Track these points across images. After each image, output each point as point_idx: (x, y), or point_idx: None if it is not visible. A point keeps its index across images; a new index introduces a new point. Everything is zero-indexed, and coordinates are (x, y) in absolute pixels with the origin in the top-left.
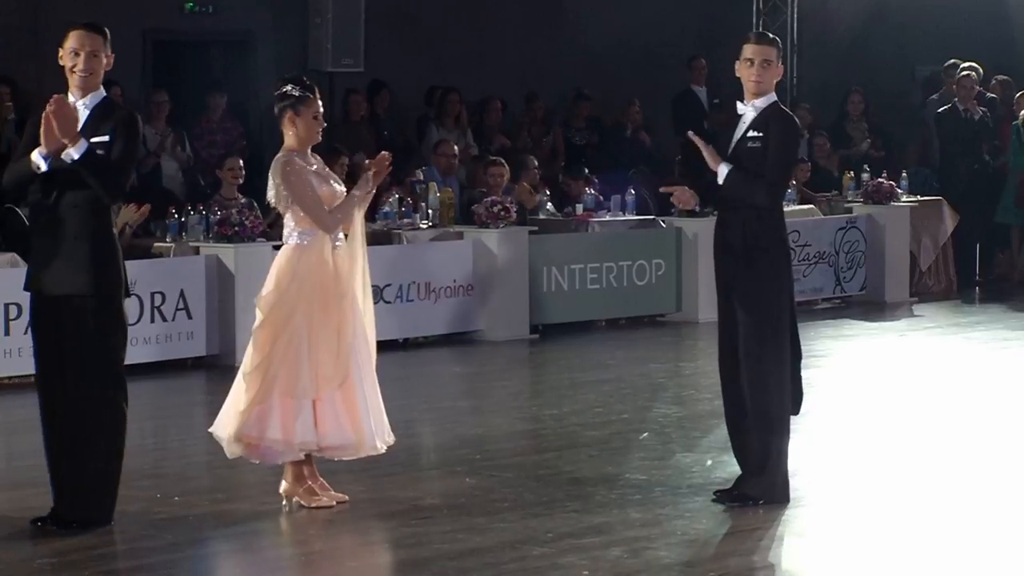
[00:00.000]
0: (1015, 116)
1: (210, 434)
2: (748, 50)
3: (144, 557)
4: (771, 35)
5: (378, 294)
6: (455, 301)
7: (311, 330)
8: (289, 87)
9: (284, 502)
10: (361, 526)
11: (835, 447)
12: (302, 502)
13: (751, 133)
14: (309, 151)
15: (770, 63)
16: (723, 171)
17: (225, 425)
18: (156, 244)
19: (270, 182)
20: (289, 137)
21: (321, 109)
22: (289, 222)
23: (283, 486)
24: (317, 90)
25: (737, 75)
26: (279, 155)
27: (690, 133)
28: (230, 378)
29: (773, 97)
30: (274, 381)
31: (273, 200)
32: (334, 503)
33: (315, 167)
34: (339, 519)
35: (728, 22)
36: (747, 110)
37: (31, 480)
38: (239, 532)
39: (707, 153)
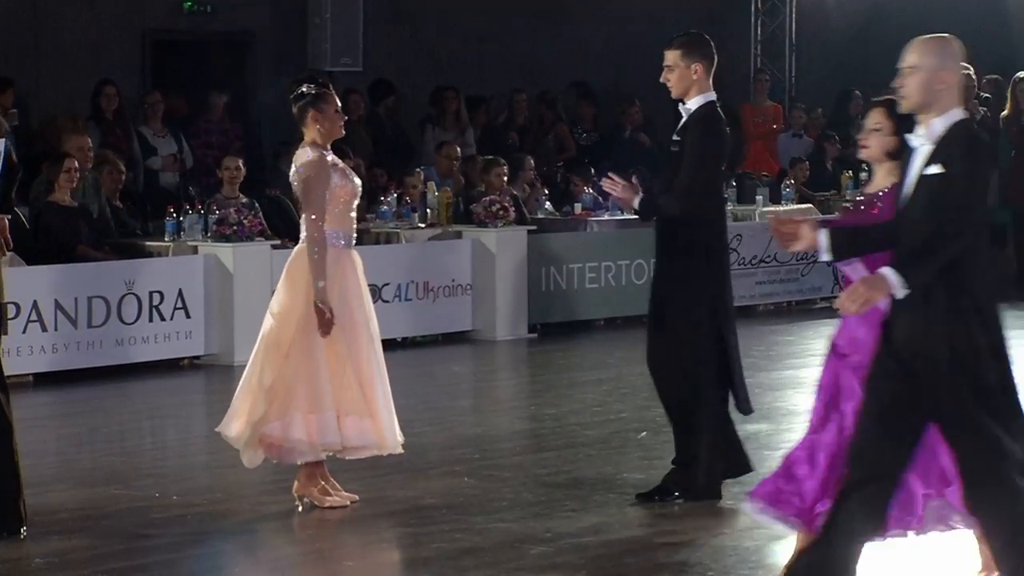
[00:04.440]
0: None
1: (209, 433)
2: None
3: (143, 556)
4: (684, 37)
5: (377, 294)
6: (454, 300)
7: (331, 342)
8: (306, 86)
9: (296, 501)
10: (360, 526)
11: None
12: (315, 502)
13: (675, 138)
14: (329, 147)
15: (671, 68)
16: (636, 203)
17: (238, 431)
18: (155, 243)
19: (294, 171)
20: (312, 133)
21: (339, 103)
22: (311, 218)
23: (296, 485)
24: (330, 87)
25: None
26: (307, 151)
27: (605, 181)
28: (229, 377)
29: (704, 99)
30: (291, 396)
31: (296, 191)
32: (347, 503)
33: (338, 165)
34: (338, 519)
35: (727, 22)
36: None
37: (27, 480)
38: (238, 531)
39: (621, 193)
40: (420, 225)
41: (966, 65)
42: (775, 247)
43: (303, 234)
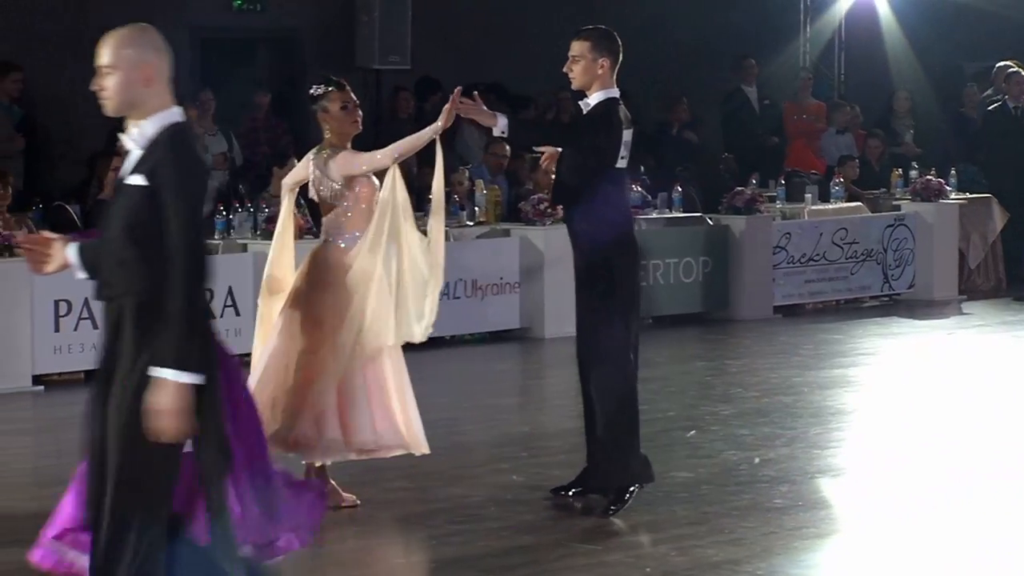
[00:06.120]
0: None
1: None
2: None
3: None
4: (593, 30)
5: None
6: (502, 298)
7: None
8: (314, 88)
9: None
10: (408, 523)
11: (884, 446)
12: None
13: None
14: (349, 145)
15: (577, 59)
16: (502, 126)
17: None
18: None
19: (315, 176)
20: (325, 133)
21: (352, 99)
22: (338, 220)
23: None
24: (344, 83)
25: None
26: (323, 151)
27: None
28: None
29: (605, 95)
30: (323, 394)
31: (325, 193)
32: (358, 502)
33: None
34: (386, 517)
35: (775, 20)
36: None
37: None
38: None
39: (476, 113)
40: (468, 223)
41: (1016, 63)
42: (824, 245)
43: (335, 231)
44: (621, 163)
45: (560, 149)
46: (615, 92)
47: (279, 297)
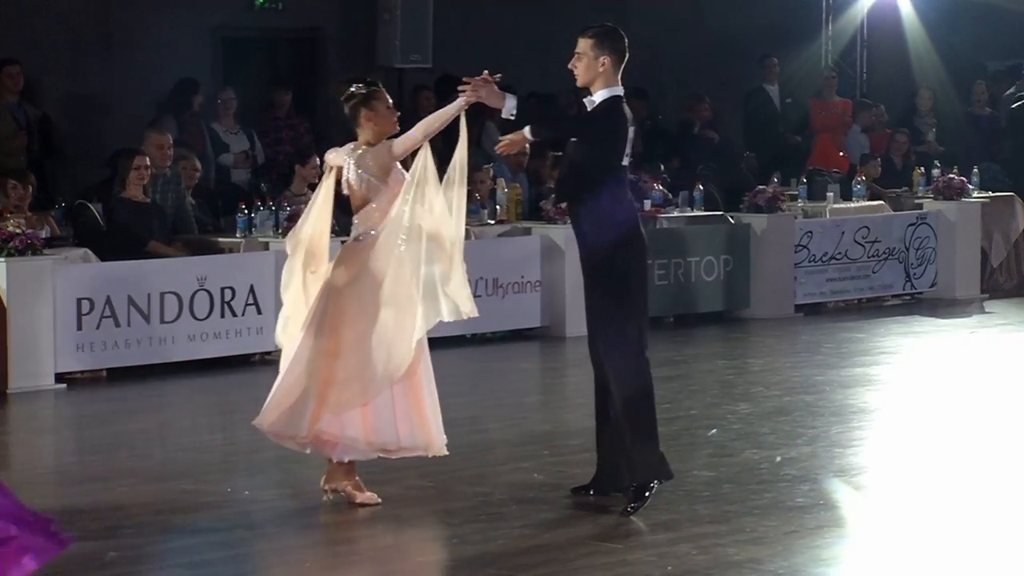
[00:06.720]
0: None
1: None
2: None
3: (213, 551)
4: (598, 28)
5: None
6: (523, 297)
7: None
8: (355, 87)
9: (327, 495)
10: (429, 521)
11: (905, 444)
12: (348, 497)
13: None
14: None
15: (580, 56)
16: (510, 104)
17: (300, 425)
18: (226, 239)
19: (352, 173)
20: (366, 132)
21: (391, 100)
22: (371, 215)
23: (325, 477)
24: (380, 85)
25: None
26: (363, 147)
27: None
28: None
29: (609, 92)
30: (345, 391)
31: (360, 189)
32: (379, 500)
33: None
34: (407, 515)
35: (797, 19)
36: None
37: (97, 475)
38: (308, 526)
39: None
40: (489, 221)
41: None
42: (846, 243)
43: (365, 227)
44: (625, 161)
45: (522, 140)
46: (619, 90)
47: (315, 281)
